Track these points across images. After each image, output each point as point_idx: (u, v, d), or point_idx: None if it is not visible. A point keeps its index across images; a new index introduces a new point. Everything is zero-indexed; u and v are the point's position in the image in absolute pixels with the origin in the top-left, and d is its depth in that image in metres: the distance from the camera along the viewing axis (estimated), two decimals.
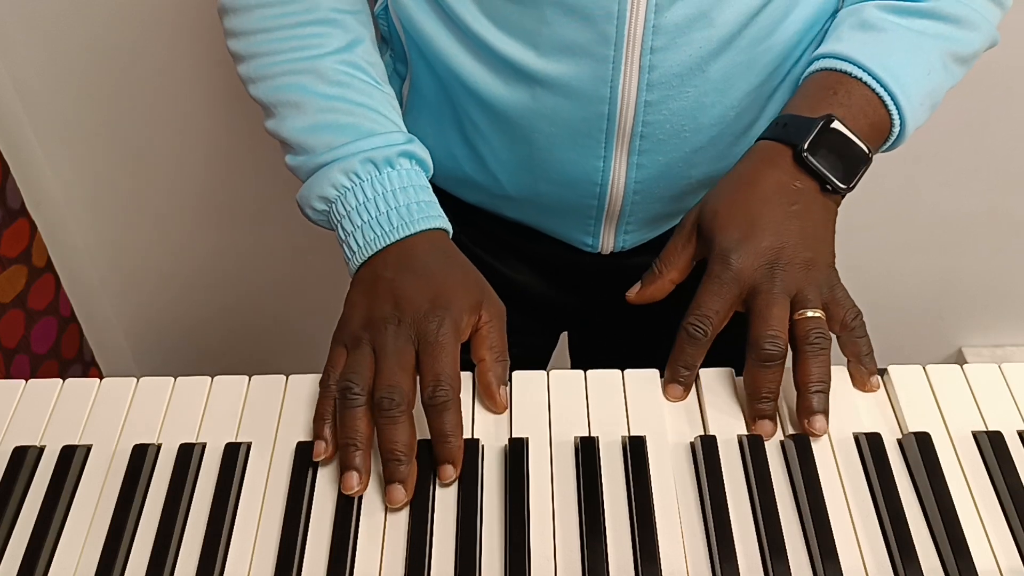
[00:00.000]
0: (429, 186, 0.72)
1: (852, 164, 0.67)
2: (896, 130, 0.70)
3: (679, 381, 0.64)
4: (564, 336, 1.07)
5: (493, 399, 0.63)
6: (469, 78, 0.72)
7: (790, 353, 0.63)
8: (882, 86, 0.68)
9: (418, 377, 0.62)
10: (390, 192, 0.68)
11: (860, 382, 0.65)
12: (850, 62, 0.69)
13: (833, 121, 0.66)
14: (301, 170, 0.71)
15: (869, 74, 0.68)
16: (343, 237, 0.69)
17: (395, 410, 0.59)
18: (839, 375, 0.65)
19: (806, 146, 0.66)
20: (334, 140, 0.70)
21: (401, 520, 0.58)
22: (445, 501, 0.58)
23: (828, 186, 0.67)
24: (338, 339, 0.65)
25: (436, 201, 0.72)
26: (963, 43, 0.72)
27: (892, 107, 0.69)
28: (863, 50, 0.69)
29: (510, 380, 0.65)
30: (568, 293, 0.91)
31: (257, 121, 1.37)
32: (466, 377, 0.65)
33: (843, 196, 0.69)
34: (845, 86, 0.69)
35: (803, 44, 0.73)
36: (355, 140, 0.69)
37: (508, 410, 0.64)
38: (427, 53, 0.74)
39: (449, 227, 0.71)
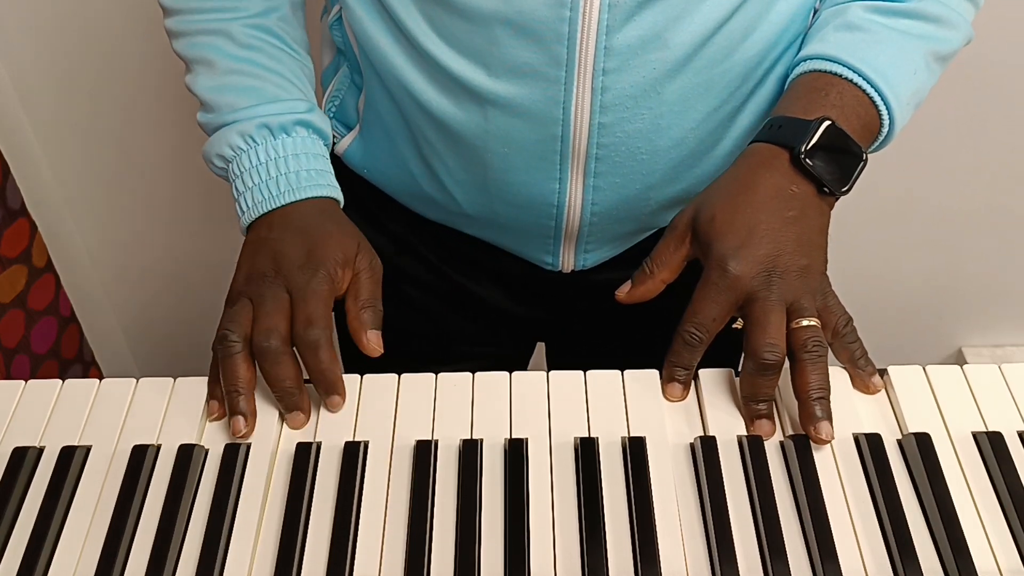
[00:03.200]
0: (325, 155, 0.75)
1: (848, 166, 0.67)
2: (885, 130, 0.70)
3: (677, 380, 0.64)
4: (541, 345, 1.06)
5: (360, 344, 0.66)
6: (422, 96, 0.72)
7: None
8: (872, 87, 0.68)
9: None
10: (281, 158, 0.71)
11: (862, 385, 0.65)
12: (840, 63, 0.68)
13: (829, 123, 0.66)
14: (207, 127, 0.74)
15: (860, 75, 0.68)
16: (235, 196, 0.72)
17: (274, 350, 0.63)
18: (837, 376, 0.65)
19: (804, 149, 0.65)
20: (237, 102, 0.72)
21: (401, 520, 0.58)
22: (445, 501, 0.58)
23: (825, 188, 0.66)
24: (226, 301, 0.68)
25: (329, 170, 0.74)
26: (944, 42, 0.72)
27: (882, 107, 0.69)
28: (852, 51, 0.69)
29: (510, 381, 0.65)
30: (535, 307, 0.90)
31: None
32: (466, 378, 0.65)
33: (838, 199, 0.68)
34: (836, 87, 0.68)
35: (764, 65, 0.72)
36: (256, 104, 0.72)
37: (508, 411, 0.63)
38: (380, 69, 0.74)
39: (339, 196, 0.74)
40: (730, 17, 0.67)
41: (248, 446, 0.62)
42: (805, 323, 0.62)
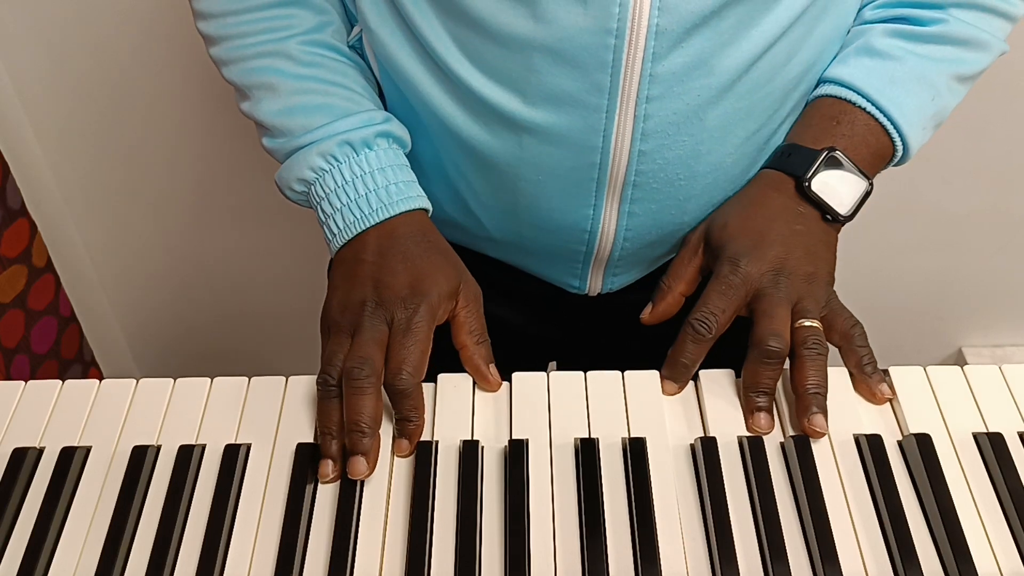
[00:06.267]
0: (407, 164, 0.72)
1: (852, 194, 0.69)
2: (899, 155, 0.71)
3: (676, 378, 0.64)
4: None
5: (484, 379, 0.65)
6: (451, 122, 0.69)
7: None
8: (886, 116, 0.69)
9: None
10: (368, 174, 0.68)
11: (868, 392, 0.64)
12: (854, 91, 0.69)
13: (835, 153, 0.68)
14: (278, 152, 0.71)
15: (873, 104, 0.69)
16: (323, 219, 0.70)
17: (363, 380, 0.61)
18: (839, 375, 0.65)
19: (808, 177, 0.68)
20: (310, 122, 0.69)
21: (401, 520, 0.58)
22: (445, 501, 0.58)
23: (828, 215, 0.68)
24: (322, 327, 0.67)
25: (415, 180, 0.71)
26: (970, 64, 0.72)
27: (895, 135, 0.70)
28: (868, 79, 0.69)
29: (510, 382, 0.65)
30: (554, 329, 0.89)
31: None
32: (466, 379, 0.65)
33: (843, 224, 0.70)
34: (848, 115, 0.69)
35: (801, 87, 0.71)
36: (331, 121, 0.69)
37: (508, 412, 0.64)
38: (407, 93, 0.71)
39: (429, 206, 0.71)
40: (776, 42, 0.66)
41: (248, 446, 0.62)
42: (807, 323, 0.63)
